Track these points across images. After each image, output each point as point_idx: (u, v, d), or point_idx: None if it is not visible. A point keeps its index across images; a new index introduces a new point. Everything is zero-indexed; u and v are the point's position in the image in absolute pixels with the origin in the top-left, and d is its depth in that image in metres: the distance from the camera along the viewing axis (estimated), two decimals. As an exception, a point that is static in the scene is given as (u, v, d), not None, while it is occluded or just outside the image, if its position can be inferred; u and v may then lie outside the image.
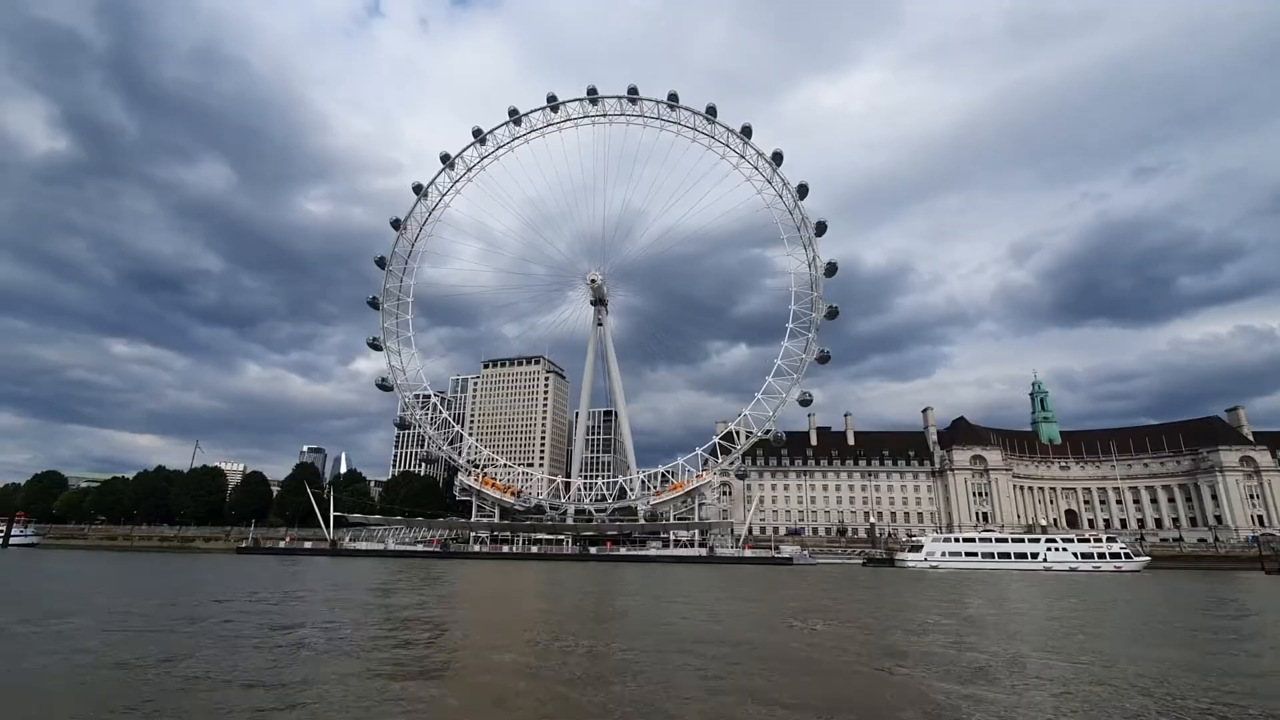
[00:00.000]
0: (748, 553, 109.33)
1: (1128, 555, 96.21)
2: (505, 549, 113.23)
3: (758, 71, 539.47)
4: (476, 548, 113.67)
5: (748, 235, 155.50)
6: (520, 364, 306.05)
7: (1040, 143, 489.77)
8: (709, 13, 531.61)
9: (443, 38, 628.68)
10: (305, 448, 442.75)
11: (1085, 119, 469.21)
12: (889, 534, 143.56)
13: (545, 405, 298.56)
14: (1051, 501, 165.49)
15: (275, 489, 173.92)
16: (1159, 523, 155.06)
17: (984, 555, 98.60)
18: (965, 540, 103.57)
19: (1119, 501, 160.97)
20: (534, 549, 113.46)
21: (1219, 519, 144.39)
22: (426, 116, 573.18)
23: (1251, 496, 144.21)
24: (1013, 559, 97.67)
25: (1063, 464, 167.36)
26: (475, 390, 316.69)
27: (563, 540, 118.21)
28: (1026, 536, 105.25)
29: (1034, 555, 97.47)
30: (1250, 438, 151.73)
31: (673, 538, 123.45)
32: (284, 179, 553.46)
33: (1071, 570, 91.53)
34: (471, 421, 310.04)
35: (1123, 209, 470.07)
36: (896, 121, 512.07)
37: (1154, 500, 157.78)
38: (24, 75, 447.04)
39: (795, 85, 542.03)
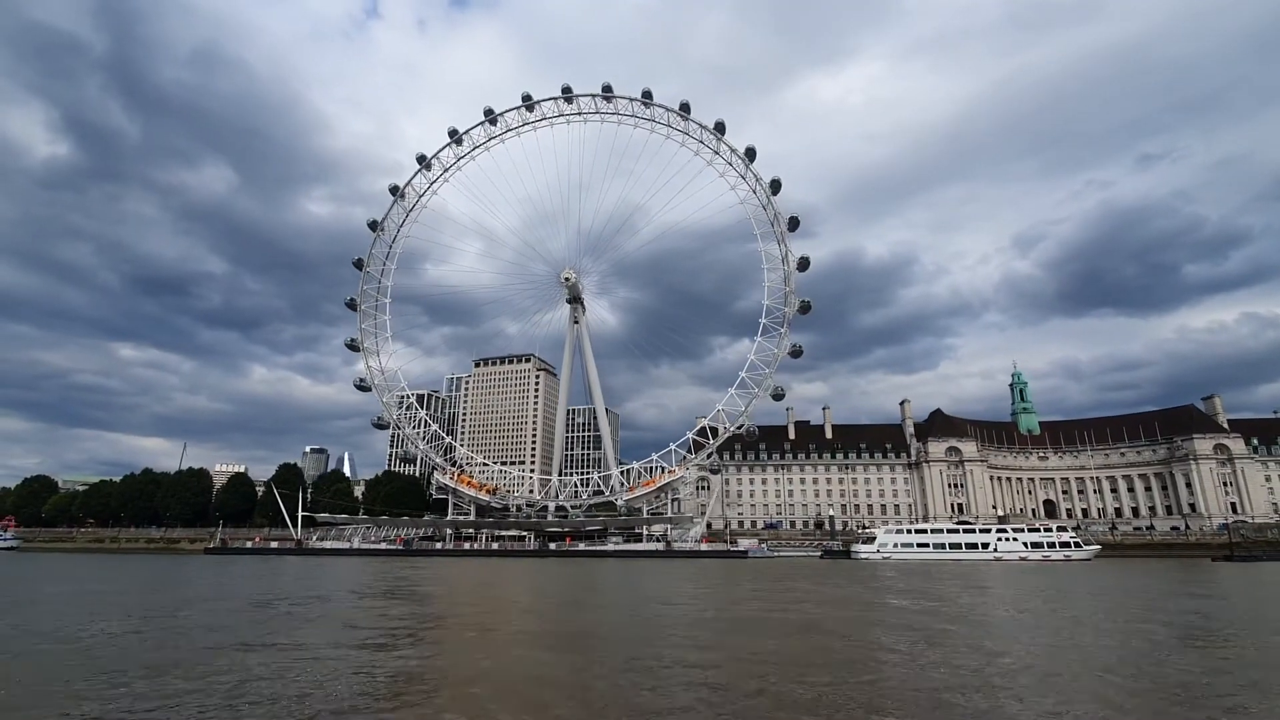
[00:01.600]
0: (704, 546, 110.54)
1: (1077, 544, 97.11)
2: (468, 546, 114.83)
3: (756, 65, 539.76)
4: (439, 545, 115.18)
5: (742, 228, 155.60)
6: (511, 362, 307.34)
7: (1042, 132, 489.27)
8: (706, 8, 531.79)
9: (441, 38, 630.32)
10: (307, 448, 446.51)
11: (1087, 107, 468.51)
12: (864, 525, 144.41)
13: (536, 403, 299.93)
14: (1030, 492, 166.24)
15: (261, 490, 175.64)
16: (1136, 511, 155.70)
17: (935, 546, 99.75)
18: (917, 531, 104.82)
19: (1096, 491, 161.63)
20: (495, 546, 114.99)
21: (1193, 507, 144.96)
22: (426, 116, 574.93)
23: (1225, 484, 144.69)
24: (964, 549, 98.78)
25: (1041, 454, 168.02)
26: (467, 389, 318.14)
27: (525, 537, 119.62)
28: (978, 527, 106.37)
29: (984, 545, 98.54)
30: (1225, 426, 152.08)
31: (646, 533, 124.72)
32: (286, 180, 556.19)
33: (1021, 560, 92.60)
34: (464, 420, 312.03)
35: (1126, 197, 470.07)
36: (896, 113, 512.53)
37: (1131, 489, 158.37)
38: (23, 80, 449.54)
39: (793, 79, 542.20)
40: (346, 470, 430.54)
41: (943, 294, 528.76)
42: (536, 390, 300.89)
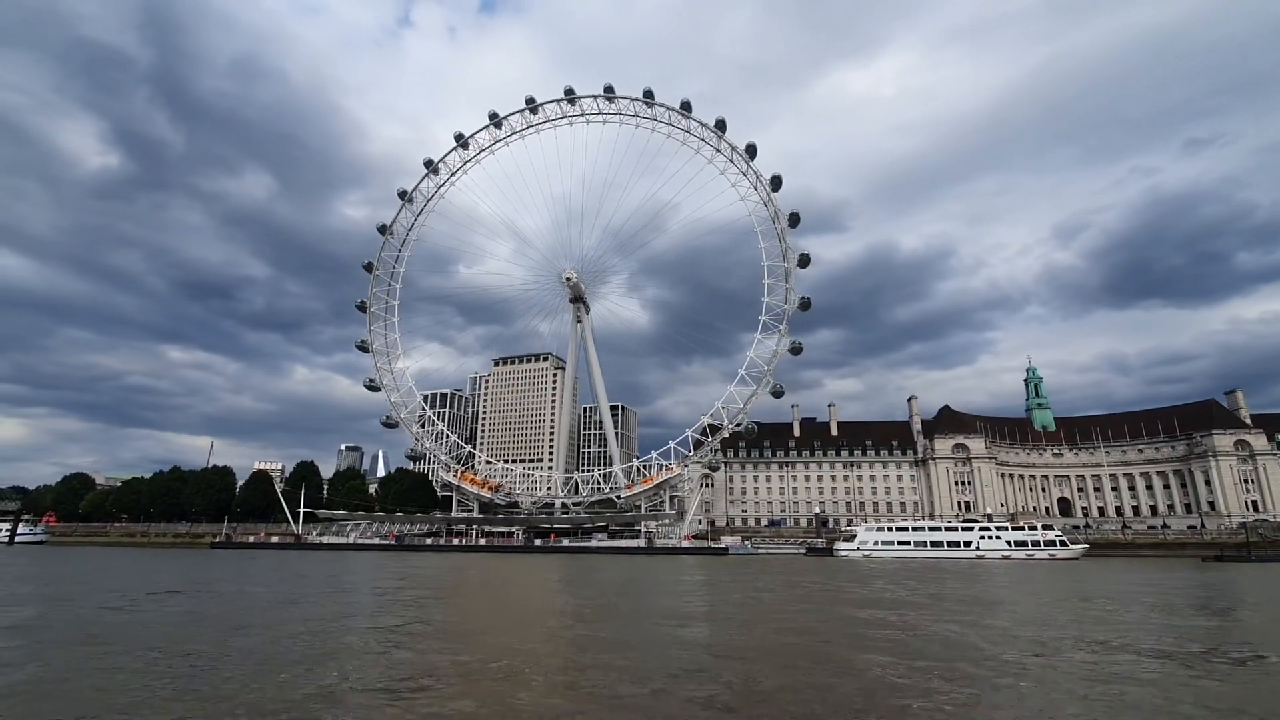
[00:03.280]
0: (685, 544, 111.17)
1: (1063, 543, 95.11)
2: (457, 541, 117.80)
3: (784, 60, 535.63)
4: (429, 541, 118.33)
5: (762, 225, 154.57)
6: (530, 361, 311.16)
7: (1082, 118, 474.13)
8: (732, 4, 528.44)
9: (470, 44, 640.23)
10: (342, 446, 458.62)
11: (1129, 92, 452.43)
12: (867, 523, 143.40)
13: (554, 401, 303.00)
14: (1044, 490, 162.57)
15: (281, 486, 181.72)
16: (1154, 509, 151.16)
17: (916, 544, 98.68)
18: (898, 529, 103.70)
19: (1114, 489, 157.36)
20: (483, 542, 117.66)
21: (1212, 505, 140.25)
22: (457, 120, 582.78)
23: (1246, 481, 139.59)
24: (945, 547, 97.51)
25: (1056, 451, 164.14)
26: (487, 387, 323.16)
27: (513, 533, 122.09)
28: (960, 525, 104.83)
29: (966, 544, 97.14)
30: (1248, 421, 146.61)
31: (645, 529, 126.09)
32: (323, 185, 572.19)
33: (1004, 558, 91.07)
34: (484, 418, 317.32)
35: (1174, 183, 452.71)
36: (929, 104, 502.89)
37: (1149, 487, 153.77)
38: (74, 94, 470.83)
39: (822, 72, 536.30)
40: (380, 467, 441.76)
41: (981, 287, 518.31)
42: (554, 389, 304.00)
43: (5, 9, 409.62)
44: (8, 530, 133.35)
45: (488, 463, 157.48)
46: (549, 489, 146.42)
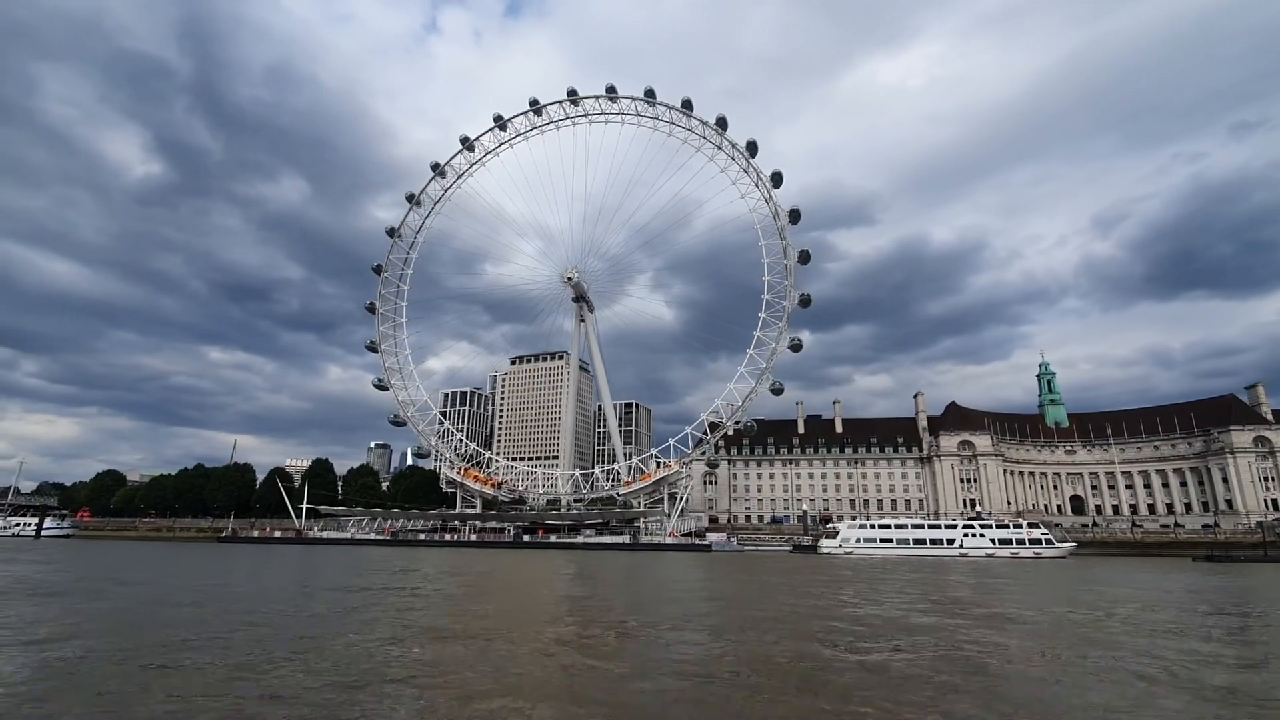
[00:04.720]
0: (669, 540, 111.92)
1: (1049, 541, 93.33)
2: (449, 537, 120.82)
3: (810, 53, 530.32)
4: (423, 536, 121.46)
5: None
6: (545, 359, 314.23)
7: (1121, 105, 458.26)
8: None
9: (496, 48, 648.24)
10: (372, 444, 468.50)
11: (1171, 76, 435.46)
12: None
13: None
14: (1055, 487, 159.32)
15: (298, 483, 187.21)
16: (1170, 507, 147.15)
17: (899, 541, 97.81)
18: (880, 527, 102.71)
19: (1129, 486, 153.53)
20: (474, 538, 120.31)
21: (1229, 504, 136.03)
22: (484, 123, 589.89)
23: (1265, 479, 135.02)
24: (928, 545, 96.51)
25: (1068, 448, 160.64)
26: (503, 386, 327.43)
27: (504, 529, 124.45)
28: (943, 523, 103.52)
29: (950, 541, 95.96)
30: (1269, 417, 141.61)
31: (643, 525, 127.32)
32: (354, 189, 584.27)
33: (988, 556, 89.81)
34: (501, 416, 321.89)
35: (1220, 169, 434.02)
36: (960, 93, 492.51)
37: (1165, 484, 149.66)
38: (119, 105, 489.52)
39: (850, 64, 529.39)
40: (408, 464, 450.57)
41: (1016, 280, 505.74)
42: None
43: (52, 24, 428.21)
44: (35, 524, 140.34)
45: (493, 459, 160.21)
46: (563, 488, 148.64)
